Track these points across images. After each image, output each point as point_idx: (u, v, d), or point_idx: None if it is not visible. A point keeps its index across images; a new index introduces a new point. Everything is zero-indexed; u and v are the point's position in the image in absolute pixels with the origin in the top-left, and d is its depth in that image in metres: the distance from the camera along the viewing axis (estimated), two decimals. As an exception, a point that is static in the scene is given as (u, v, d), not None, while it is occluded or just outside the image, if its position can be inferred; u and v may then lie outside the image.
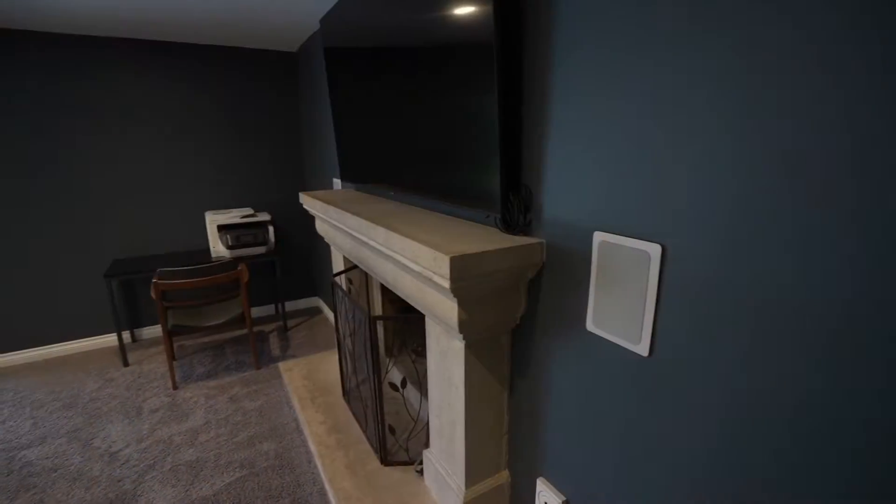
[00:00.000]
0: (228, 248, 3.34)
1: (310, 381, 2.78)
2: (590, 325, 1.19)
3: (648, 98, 0.97)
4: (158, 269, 2.70)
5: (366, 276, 2.67)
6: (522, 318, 1.47)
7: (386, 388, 2.53)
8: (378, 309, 2.65)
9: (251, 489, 2.02)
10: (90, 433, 2.46)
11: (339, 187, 3.03)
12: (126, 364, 3.20)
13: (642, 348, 1.06)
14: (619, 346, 1.13)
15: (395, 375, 2.58)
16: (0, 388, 2.94)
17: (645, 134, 0.98)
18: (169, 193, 3.49)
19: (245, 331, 3.73)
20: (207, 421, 2.53)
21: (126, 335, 3.56)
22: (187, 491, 2.02)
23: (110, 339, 3.52)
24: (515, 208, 1.35)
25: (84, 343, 3.45)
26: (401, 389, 2.06)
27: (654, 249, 0.99)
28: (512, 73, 1.29)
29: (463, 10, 1.24)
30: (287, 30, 3.01)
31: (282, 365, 3.06)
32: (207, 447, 2.31)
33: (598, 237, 1.12)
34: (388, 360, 2.68)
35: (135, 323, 3.59)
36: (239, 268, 2.91)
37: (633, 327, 1.06)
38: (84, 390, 2.89)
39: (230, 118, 3.57)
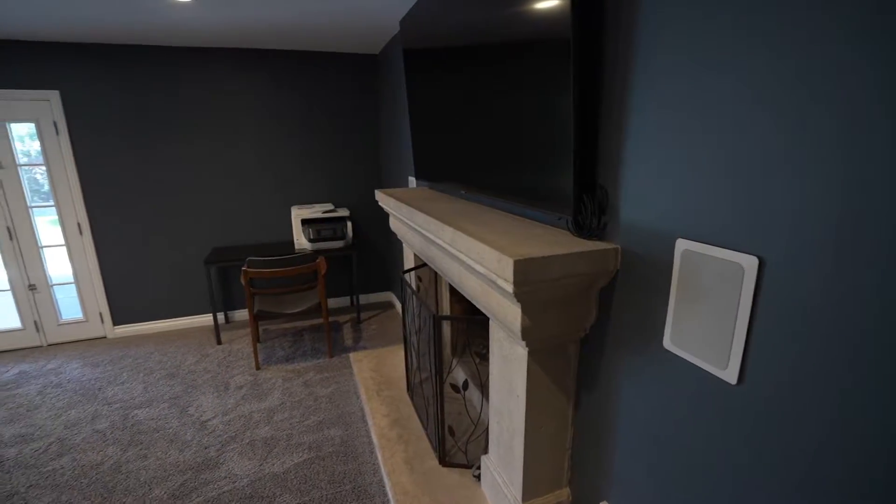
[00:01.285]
0: (310, 241, 3.55)
1: (377, 374, 2.86)
2: (668, 343, 1.08)
3: (756, 84, 0.84)
4: (248, 258, 2.94)
5: (435, 275, 2.69)
6: (592, 329, 1.37)
7: (448, 389, 2.52)
8: (445, 308, 2.66)
9: (316, 472, 2.12)
10: (186, 401, 2.74)
11: (414, 186, 3.09)
12: (219, 342, 3.53)
13: (730, 374, 0.93)
14: (701, 369, 1.01)
15: (460, 375, 2.57)
16: (122, 355, 3.39)
17: (747, 128, 0.86)
18: (261, 188, 3.79)
19: (321, 320, 3.94)
20: (283, 402, 2.70)
21: (220, 316, 3.94)
22: (261, 465, 2.17)
23: (207, 319, 3.91)
24: (589, 210, 1.27)
25: (187, 321, 3.87)
26: (462, 391, 2.04)
27: (750, 262, 0.86)
28: (589, 65, 1.20)
29: (539, 4, 1.18)
30: (369, 33, 3.13)
31: (353, 355, 3.18)
32: (281, 427, 2.47)
33: (682, 245, 1.01)
34: (452, 359, 2.67)
35: (228, 305, 3.95)
36: (318, 260, 3.08)
37: (720, 350, 0.94)
38: (184, 363, 3.24)
39: (316, 119, 3.80)
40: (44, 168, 3.36)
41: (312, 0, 2.41)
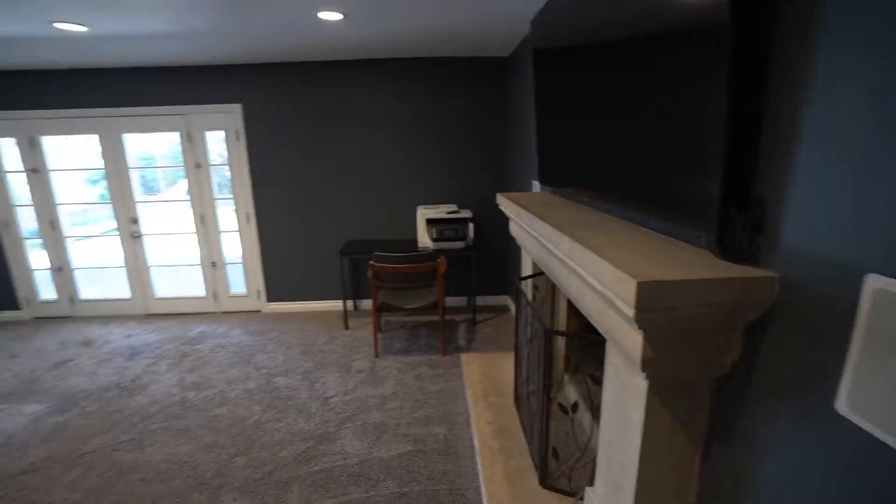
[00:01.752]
0: (433, 240, 3.68)
1: (486, 378, 2.84)
2: (842, 406, 0.84)
3: None
4: (374, 253, 3.16)
5: (552, 285, 2.57)
6: (733, 368, 1.15)
7: (556, 408, 2.38)
8: (561, 322, 2.52)
9: (417, 466, 2.18)
10: (315, 377, 3.06)
11: (538, 190, 2.99)
12: (346, 328, 3.87)
13: (939, 463, 0.68)
14: (894, 450, 0.76)
15: (570, 394, 2.41)
16: (271, 328, 3.93)
17: None
18: (393, 188, 4.06)
19: (438, 317, 4.06)
20: (395, 392, 2.84)
21: (350, 304, 4.32)
22: (369, 449, 2.32)
23: (339, 305, 4.32)
24: (739, 228, 1.06)
25: (323, 304, 4.33)
26: (571, 413, 1.90)
27: None
28: (751, 52, 1.00)
29: (693, -15, 1.02)
30: (501, 37, 3.11)
31: (464, 356, 3.21)
32: (391, 415, 2.60)
33: (875, 282, 0.77)
34: (563, 376, 2.52)
35: (357, 294, 4.32)
36: (438, 259, 3.17)
37: (925, 427, 0.70)
38: (317, 342, 3.62)
39: (446, 123, 3.92)
40: (227, 168, 4.06)
41: (448, 9, 2.48)
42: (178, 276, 4.35)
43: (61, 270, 4.26)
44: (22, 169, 4.04)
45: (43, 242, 4.19)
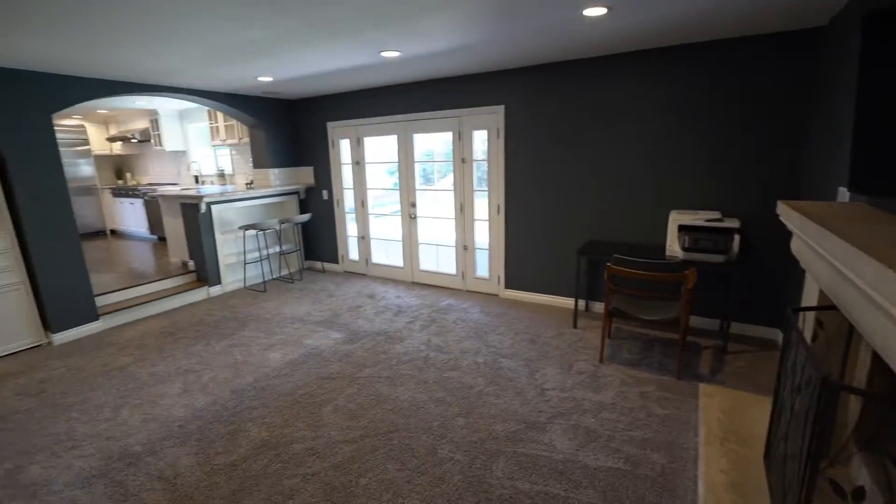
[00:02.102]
0: (683, 249, 3.25)
1: (727, 419, 2.37)
2: None
3: None
4: (613, 255, 3.01)
5: (849, 326, 1.92)
6: None
7: (826, 485, 1.79)
8: (858, 376, 1.87)
9: (624, 487, 2.02)
10: (536, 367, 3.17)
11: (846, 199, 2.26)
12: (575, 326, 3.84)
13: None
14: None
15: (859, 474, 1.77)
16: (504, 312, 4.26)
17: None
18: (642, 188, 3.75)
19: (677, 336, 3.58)
20: (614, 403, 2.68)
21: (582, 303, 4.26)
22: (577, 451, 2.27)
23: (570, 303, 4.31)
24: None
25: (554, 299, 4.40)
26: (851, 501, 1.41)
27: None
28: None
29: None
30: (799, 5, 2.43)
31: (703, 387, 2.76)
32: (605, 425, 2.47)
33: None
34: (849, 448, 1.87)
35: (591, 295, 4.21)
36: (687, 271, 2.80)
37: None
38: (544, 334, 3.73)
39: (714, 116, 3.35)
40: (485, 163, 4.55)
41: (738, -22, 2.10)
42: (437, 253, 5.18)
43: (363, 239, 5.66)
44: (350, 162, 5.53)
45: (356, 217, 5.65)
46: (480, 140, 4.59)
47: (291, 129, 5.83)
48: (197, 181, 7.51)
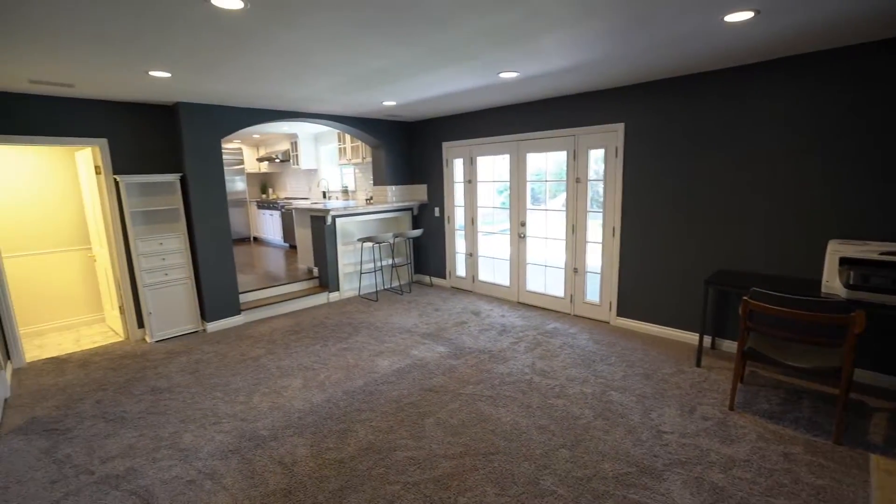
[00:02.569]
0: (847, 286, 2.73)
1: (913, 504, 1.89)
2: None
3: None
4: (752, 289, 2.64)
5: None
6: None
7: None
8: None
9: (767, 563, 1.71)
10: (651, 405, 2.88)
11: None
12: (698, 364, 3.43)
13: None
14: None
15: None
16: (615, 342, 3.98)
17: None
18: (789, 213, 3.25)
19: (836, 390, 2.99)
20: (750, 460, 2.31)
21: (707, 340, 3.79)
22: (702, 509, 1.99)
23: (692, 338, 3.86)
24: None
25: (673, 332, 3.99)
26: None
27: None
28: None
29: None
30: None
31: (877, 459, 2.24)
32: (738, 486, 2.14)
33: None
34: None
35: (717, 331, 3.74)
36: (852, 313, 2.34)
37: None
38: (660, 370, 3.39)
39: (869, 127, 2.78)
40: (601, 183, 4.34)
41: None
42: (545, 275, 5.04)
43: (471, 256, 5.74)
44: (462, 180, 5.68)
45: (465, 234, 5.77)
46: (594, 159, 4.41)
47: (409, 149, 6.21)
48: (324, 196, 8.35)
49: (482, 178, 5.51)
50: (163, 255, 4.30)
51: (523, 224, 5.06)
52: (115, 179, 4.11)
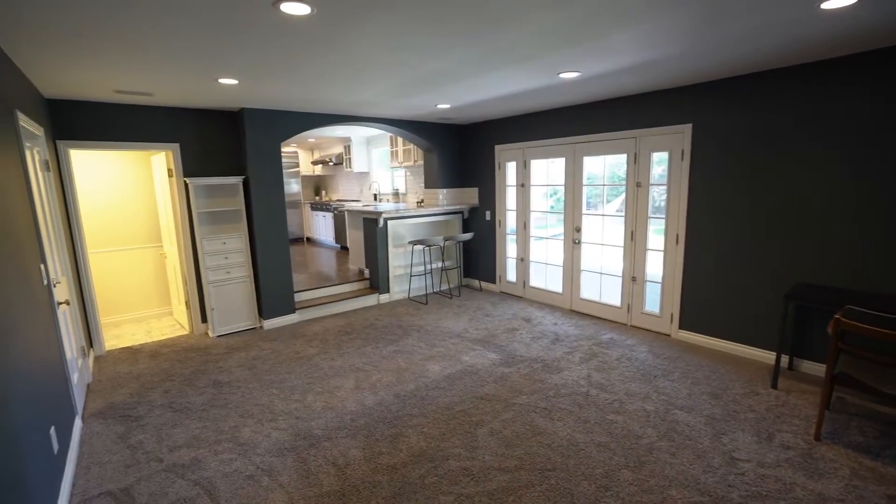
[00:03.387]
0: (962, 307, 2.40)
1: None
2: None
3: None
4: (847, 306, 2.37)
5: None
6: None
7: None
8: None
9: None
10: (722, 428, 2.66)
11: None
12: (774, 386, 3.14)
13: None
14: None
15: None
16: (678, 356, 3.73)
17: None
18: (883, 222, 2.90)
19: (946, 425, 2.63)
20: (845, 500, 2.07)
21: (784, 359, 3.47)
22: (790, 551, 1.79)
23: (767, 357, 3.55)
24: None
25: (743, 349, 3.69)
26: None
27: None
28: None
29: None
30: None
31: None
32: (831, 526, 1.91)
33: None
34: None
35: (797, 351, 3.41)
36: (971, 338, 2.04)
37: None
38: (730, 389, 3.13)
39: None
40: (663, 188, 4.10)
41: None
42: (600, 282, 4.83)
43: (522, 261, 5.61)
44: (514, 184, 5.57)
45: (516, 238, 5.65)
46: (657, 162, 4.17)
47: (460, 152, 6.17)
48: (375, 199, 8.49)
49: (535, 182, 5.38)
50: (225, 255, 4.50)
51: (578, 230, 4.88)
52: (185, 182, 4.35)
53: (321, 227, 9.36)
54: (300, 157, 10.19)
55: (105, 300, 4.94)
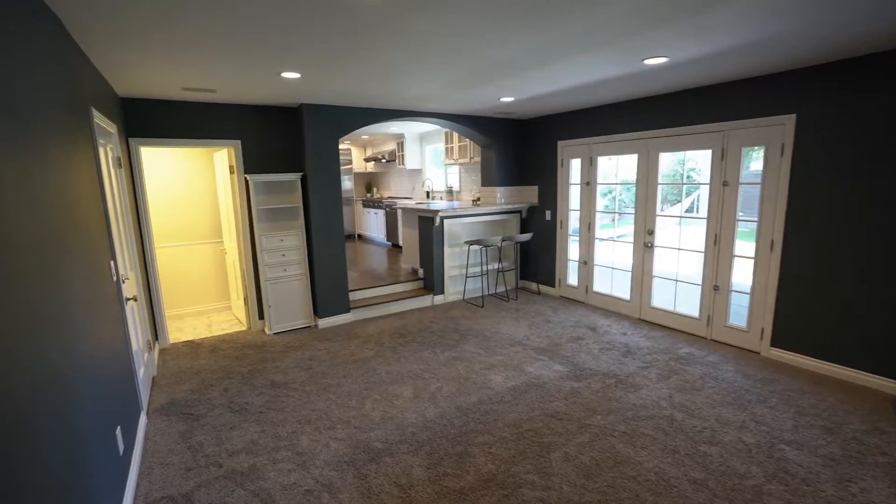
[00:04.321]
0: None
1: None
2: None
3: None
4: None
5: None
6: None
7: None
8: None
9: None
10: (846, 472, 2.25)
11: None
12: (904, 422, 2.67)
13: None
14: None
15: None
16: (773, 378, 3.29)
17: None
18: None
19: None
20: None
21: (912, 389, 2.96)
22: None
23: (885, 384, 3.04)
24: None
25: (854, 374, 3.19)
26: None
27: None
28: None
29: None
30: None
31: None
32: None
33: None
34: None
35: (930, 381, 2.89)
36: None
37: None
38: (848, 423, 2.69)
39: None
40: (757, 186, 3.63)
41: None
42: (675, 290, 4.41)
43: (585, 264, 5.26)
44: (578, 182, 5.22)
45: (579, 240, 5.30)
46: (748, 158, 3.71)
47: (520, 148, 5.88)
48: (428, 196, 8.35)
49: (602, 180, 5.01)
50: (283, 252, 4.47)
51: (651, 232, 4.47)
52: (245, 178, 4.35)
53: (373, 224, 9.34)
54: (353, 154, 10.24)
55: (169, 293, 5.08)
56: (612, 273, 5.04)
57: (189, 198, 5.08)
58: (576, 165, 5.24)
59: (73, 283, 1.74)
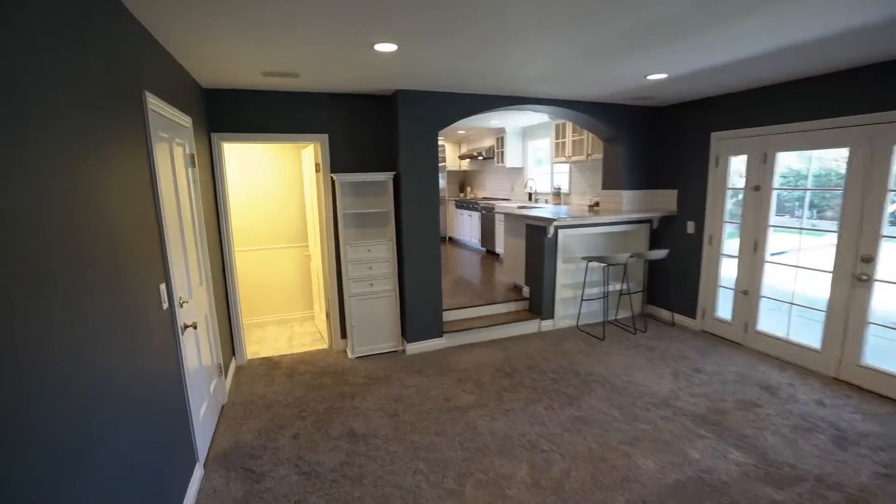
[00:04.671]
0: None
1: None
2: None
3: None
4: None
5: None
6: None
7: None
8: None
9: None
10: None
11: None
12: None
13: None
14: None
15: None
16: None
17: None
18: None
19: None
20: None
21: None
22: None
23: None
24: None
25: None
26: None
27: None
28: None
29: None
30: None
31: None
32: None
33: None
34: None
35: None
36: None
37: None
38: None
39: None
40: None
41: None
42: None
43: (746, 294, 3.99)
44: (741, 186, 3.97)
45: (738, 261, 4.04)
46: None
47: (655, 142, 4.72)
48: (530, 198, 7.41)
49: (782, 184, 3.72)
50: (369, 264, 3.86)
51: (867, 260, 3.14)
52: (331, 178, 3.80)
53: (466, 227, 8.62)
54: (447, 150, 9.61)
55: (250, 301, 4.76)
56: (789, 310, 3.73)
57: (276, 198, 4.71)
58: (738, 164, 3.99)
59: (84, 323, 1.15)
